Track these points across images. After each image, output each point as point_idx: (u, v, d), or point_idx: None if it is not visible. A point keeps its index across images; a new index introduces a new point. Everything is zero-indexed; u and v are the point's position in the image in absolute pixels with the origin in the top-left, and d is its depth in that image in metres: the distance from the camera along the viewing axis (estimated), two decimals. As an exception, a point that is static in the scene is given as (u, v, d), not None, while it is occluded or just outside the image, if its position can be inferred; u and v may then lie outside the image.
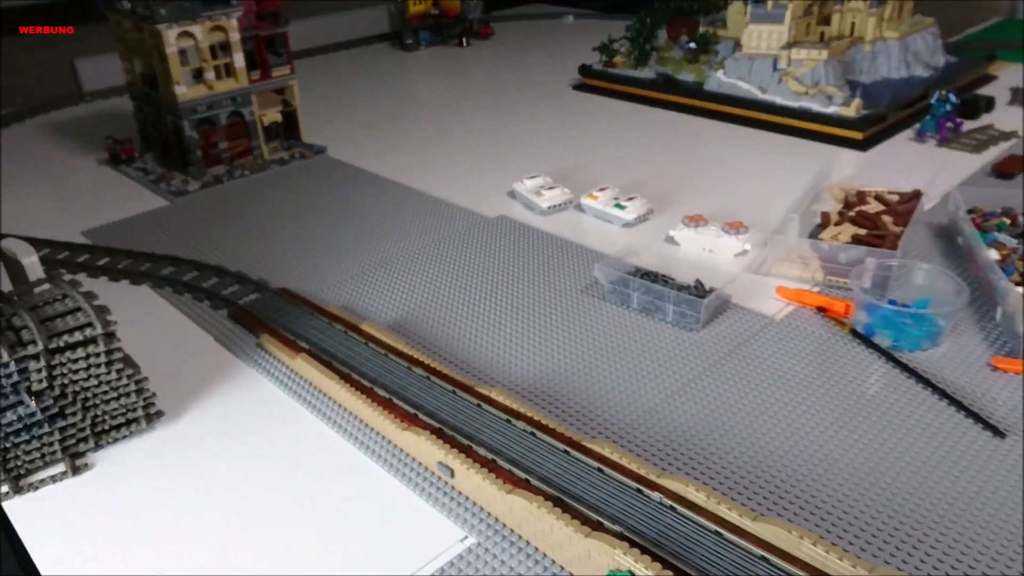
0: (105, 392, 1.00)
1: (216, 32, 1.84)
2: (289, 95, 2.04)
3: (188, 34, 1.80)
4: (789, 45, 2.06)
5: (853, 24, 2.22)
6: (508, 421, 0.96)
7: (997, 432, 0.98)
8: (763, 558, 0.74)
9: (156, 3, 1.76)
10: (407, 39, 3.05)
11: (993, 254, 1.26)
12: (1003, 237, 1.30)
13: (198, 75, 1.86)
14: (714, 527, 0.78)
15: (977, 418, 1.00)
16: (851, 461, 0.95)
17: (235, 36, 1.86)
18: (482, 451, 0.93)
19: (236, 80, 1.90)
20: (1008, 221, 1.36)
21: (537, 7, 3.74)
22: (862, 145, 1.91)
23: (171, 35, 1.77)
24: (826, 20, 2.25)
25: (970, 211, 1.44)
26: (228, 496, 0.95)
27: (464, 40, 3.07)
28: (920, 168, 1.65)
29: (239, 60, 1.89)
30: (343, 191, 1.81)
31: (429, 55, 3.02)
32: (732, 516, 0.78)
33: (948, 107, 1.91)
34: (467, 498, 0.91)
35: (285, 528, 0.90)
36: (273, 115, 2.01)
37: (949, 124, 1.92)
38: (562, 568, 0.82)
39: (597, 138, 2.10)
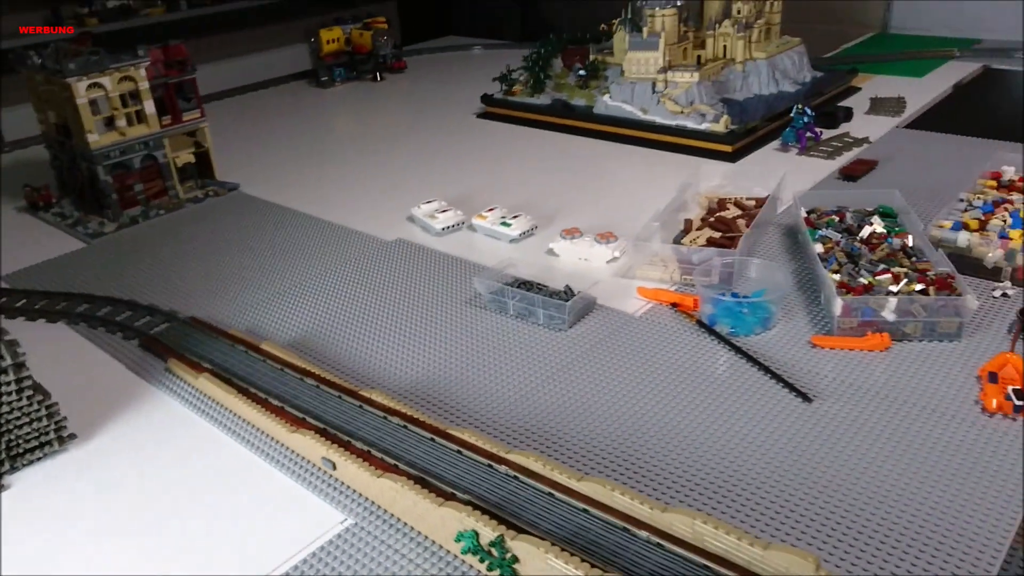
0: (17, 418, 1.10)
1: (125, 82, 1.95)
2: (201, 137, 2.15)
3: (98, 85, 1.91)
4: (665, 69, 2.25)
5: (725, 47, 2.43)
6: (385, 417, 1.10)
7: (805, 398, 1.14)
8: (584, 510, 0.88)
9: (65, 58, 1.87)
10: (322, 76, 3.18)
11: (819, 247, 1.44)
12: (829, 232, 1.48)
13: (110, 123, 1.96)
14: (548, 489, 0.92)
15: (791, 387, 1.16)
16: (686, 427, 1.10)
17: (144, 85, 1.97)
18: (360, 444, 1.05)
19: (148, 126, 2.01)
20: (837, 219, 1.55)
21: (449, 39, 3.91)
22: (731, 157, 2.10)
23: (81, 87, 1.87)
24: (702, 44, 2.46)
25: (811, 211, 1.63)
26: (138, 504, 1.05)
27: (378, 75, 3.22)
28: (780, 175, 1.83)
29: (149, 107, 2.00)
30: (254, 224, 1.93)
31: (344, 90, 3.15)
32: (563, 479, 0.92)
33: (806, 119, 2.11)
34: (347, 486, 1.04)
35: (189, 526, 1.01)
36: (186, 156, 2.12)
37: (809, 134, 2.13)
38: (425, 537, 0.95)
39: (496, 162, 2.25)
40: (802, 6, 3.56)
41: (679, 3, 2.27)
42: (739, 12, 2.44)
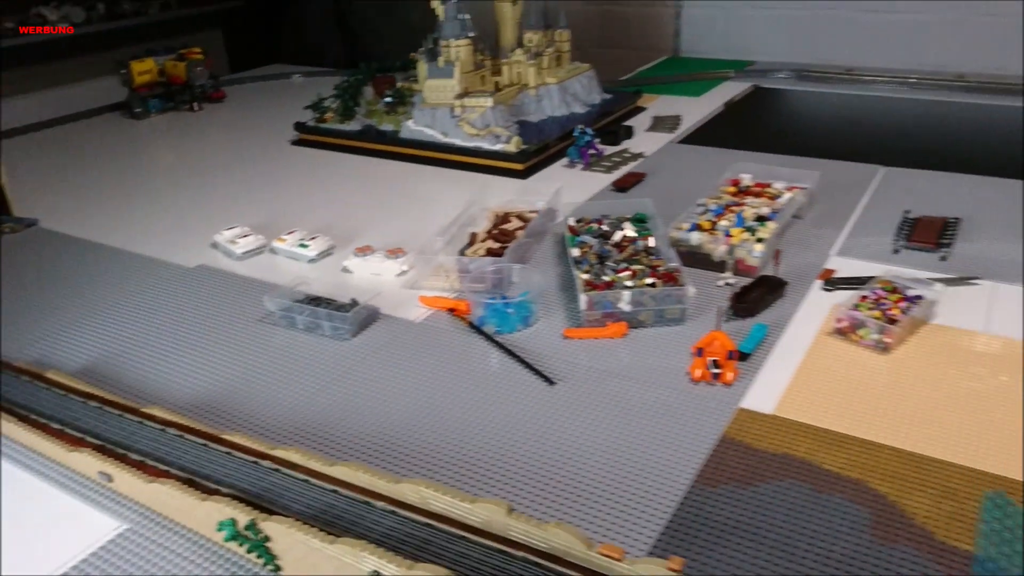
0: None
1: (-96, 120, 1.91)
2: (-6, 173, 2.12)
3: None
4: (461, 95, 2.43)
5: (519, 74, 2.64)
6: (163, 430, 1.17)
7: (549, 381, 1.32)
8: (334, 490, 1.01)
9: None
10: (136, 107, 3.15)
11: (576, 252, 1.64)
12: (586, 238, 1.68)
13: None
14: (304, 477, 1.03)
15: (539, 374, 1.34)
16: (443, 413, 1.25)
17: (-75, 122, 1.94)
18: (136, 456, 1.13)
19: (-68, 164, 1.97)
20: (596, 226, 1.75)
21: (274, 67, 3.96)
22: (523, 174, 2.30)
23: None
24: (499, 72, 2.66)
25: (579, 220, 1.83)
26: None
27: (195, 105, 3.23)
28: (566, 188, 2.04)
29: (-67, 145, 1.96)
30: (51, 259, 1.93)
31: (159, 122, 3.14)
32: (317, 466, 1.04)
33: (587, 138, 2.34)
34: (124, 496, 1.11)
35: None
36: (-22, 194, 2.09)
37: (592, 151, 2.36)
38: (194, 532, 1.04)
39: (306, 187, 2.35)
40: (603, 32, 3.90)
41: (471, 35, 2.45)
42: (530, 42, 2.66)
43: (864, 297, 1.45)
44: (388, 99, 2.65)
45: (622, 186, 2.15)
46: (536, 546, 0.87)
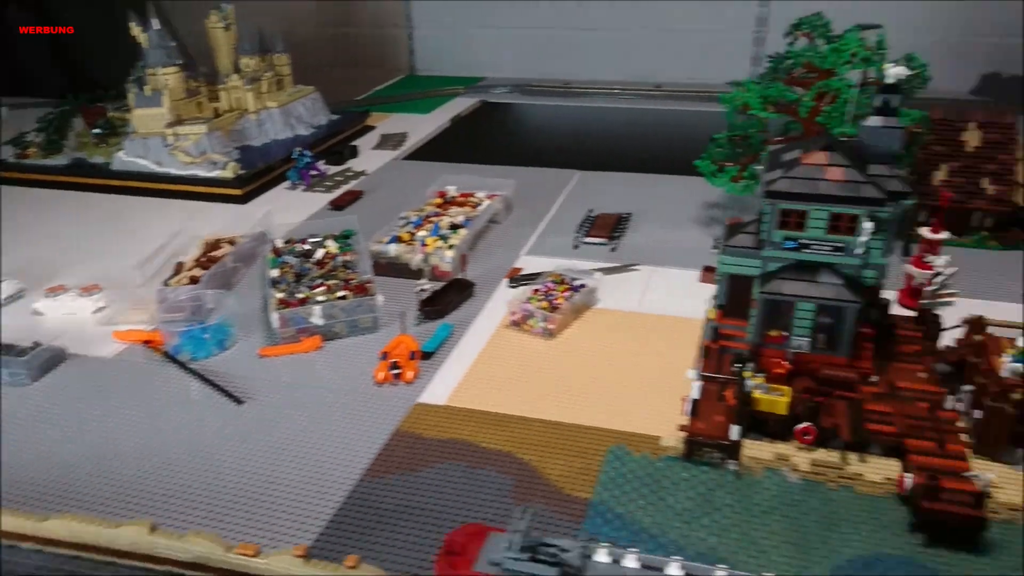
0: None
1: None
2: None
3: None
4: (174, 123, 2.38)
5: (239, 99, 2.64)
6: None
7: (238, 400, 1.36)
8: (-20, 539, 0.99)
9: None
10: None
11: (276, 272, 1.68)
12: (288, 258, 1.73)
13: None
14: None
15: (228, 395, 1.37)
16: (128, 444, 1.24)
17: None
18: None
19: None
20: (300, 245, 1.81)
21: (-22, 100, 3.62)
22: (242, 199, 2.30)
23: None
24: (218, 97, 2.64)
25: (288, 241, 1.88)
26: None
27: None
28: (286, 210, 2.07)
29: None
30: None
31: None
32: (-38, 518, 1.01)
33: (307, 159, 2.39)
34: None
35: None
36: None
37: (313, 172, 2.41)
38: None
39: (2, 229, 2.19)
40: (341, 54, 3.96)
41: (179, 62, 2.41)
42: (247, 67, 2.66)
43: (536, 290, 1.62)
44: (97, 130, 2.54)
45: (339, 204, 2.22)
46: (180, 558, 0.91)
